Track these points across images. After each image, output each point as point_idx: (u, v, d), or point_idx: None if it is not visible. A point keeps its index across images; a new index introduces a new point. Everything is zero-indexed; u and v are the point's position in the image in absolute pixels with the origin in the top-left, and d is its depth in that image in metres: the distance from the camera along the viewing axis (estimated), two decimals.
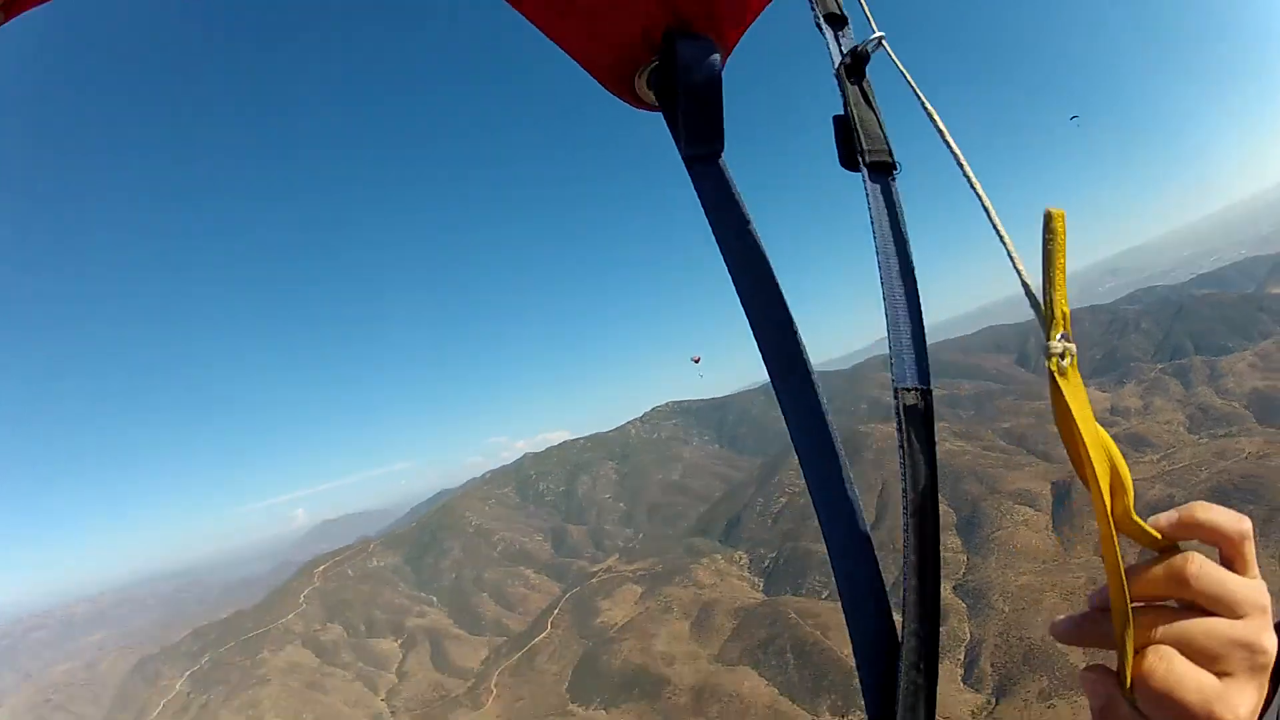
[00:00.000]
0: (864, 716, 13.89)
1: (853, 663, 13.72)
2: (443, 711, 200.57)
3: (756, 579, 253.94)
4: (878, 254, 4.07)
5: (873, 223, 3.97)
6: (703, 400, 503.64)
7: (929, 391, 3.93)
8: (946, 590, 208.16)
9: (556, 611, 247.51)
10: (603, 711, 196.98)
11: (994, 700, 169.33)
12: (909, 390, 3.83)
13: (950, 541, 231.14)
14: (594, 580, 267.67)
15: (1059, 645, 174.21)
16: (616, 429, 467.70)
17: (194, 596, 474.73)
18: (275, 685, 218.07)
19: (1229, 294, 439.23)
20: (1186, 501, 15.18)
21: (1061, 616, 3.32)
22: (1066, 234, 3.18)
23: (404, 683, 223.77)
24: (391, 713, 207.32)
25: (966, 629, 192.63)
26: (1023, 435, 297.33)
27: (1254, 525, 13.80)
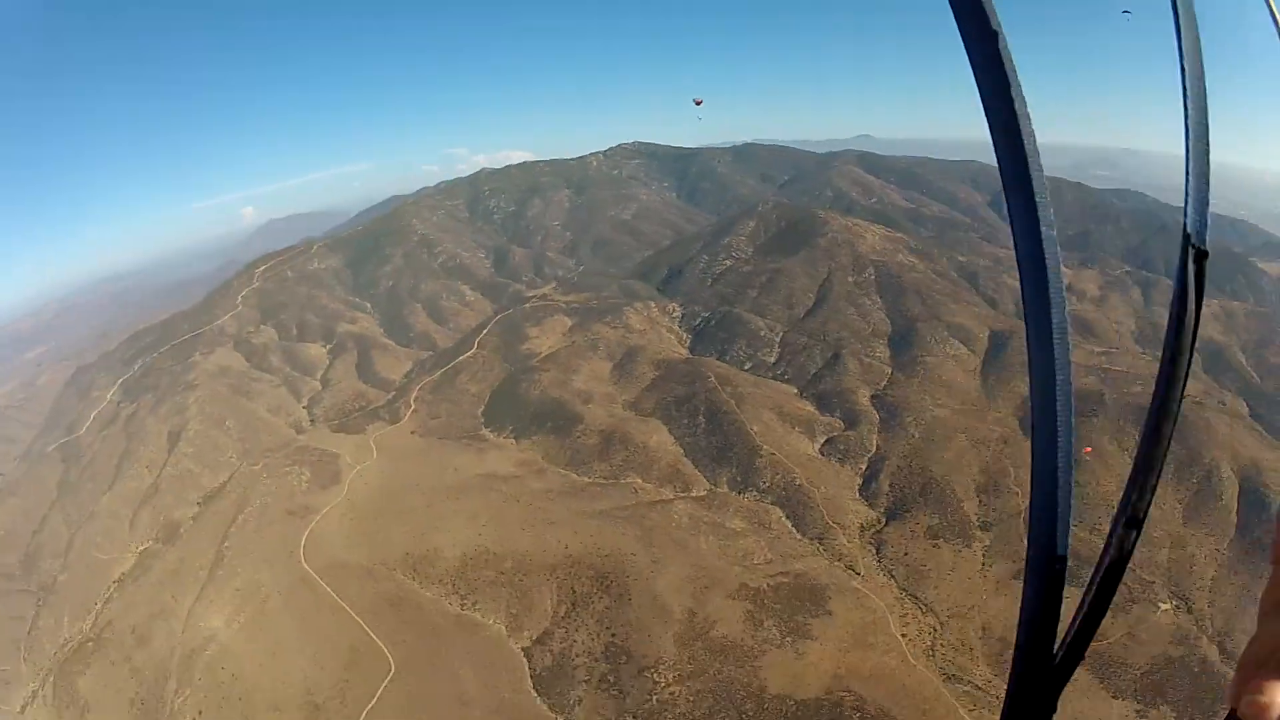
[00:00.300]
0: (759, 498, 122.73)
1: (759, 441, 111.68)
2: (360, 422, 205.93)
3: (685, 334, 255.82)
4: (1187, 114, 4.55)
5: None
6: (670, 147, 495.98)
7: (1205, 254, 4.42)
8: (865, 397, 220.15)
9: (485, 332, 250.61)
10: (512, 440, 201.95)
11: (883, 521, 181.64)
12: (1201, 251, 4.38)
13: (879, 350, 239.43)
14: (528, 305, 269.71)
15: (956, 488, 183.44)
16: (578, 159, 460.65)
17: (136, 300, 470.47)
18: (202, 390, 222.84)
19: (1218, 243, 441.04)
20: (1114, 404, 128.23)
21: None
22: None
23: (327, 390, 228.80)
24: (311, 421, 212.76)
25: (874, 441, 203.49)
26: (975, 274, 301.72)
27: (1171, 463, 59.90)
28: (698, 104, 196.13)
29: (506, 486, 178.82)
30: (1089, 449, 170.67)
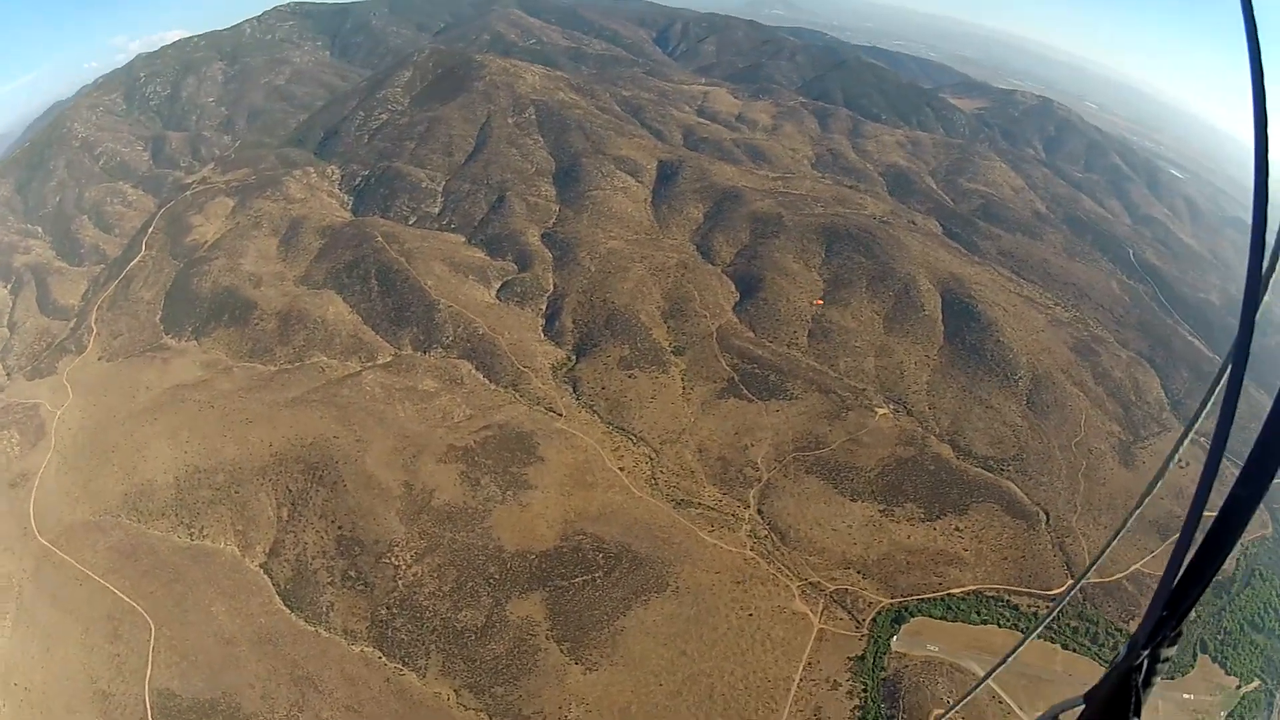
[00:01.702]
0: (445, 354, 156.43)
1: (435, 296, 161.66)
2: (50, 362, 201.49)
3: (347, 197, 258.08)
4: None
5: None
6: (325, 4, 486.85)
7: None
8: (535, 237, 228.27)
9: (151, 231, 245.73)
10: (194, 342, 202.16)
11: (574, 358, 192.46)
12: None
13: (544, 190, 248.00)
14: (188, 194, 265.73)
15: (641, 317, 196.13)
16: (232, 28, 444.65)
17: None
18: None
19: (900, 76, 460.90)
20: (795, 225, 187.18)
21: None
22: None
23: (15, 335, 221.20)
24: (7, 374, 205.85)
25: (551, 280, 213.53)
26: (641, 109, 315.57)
27: (863, 277, 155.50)
28: None
29: (198, 394, 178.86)
30: (819, 301, 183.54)
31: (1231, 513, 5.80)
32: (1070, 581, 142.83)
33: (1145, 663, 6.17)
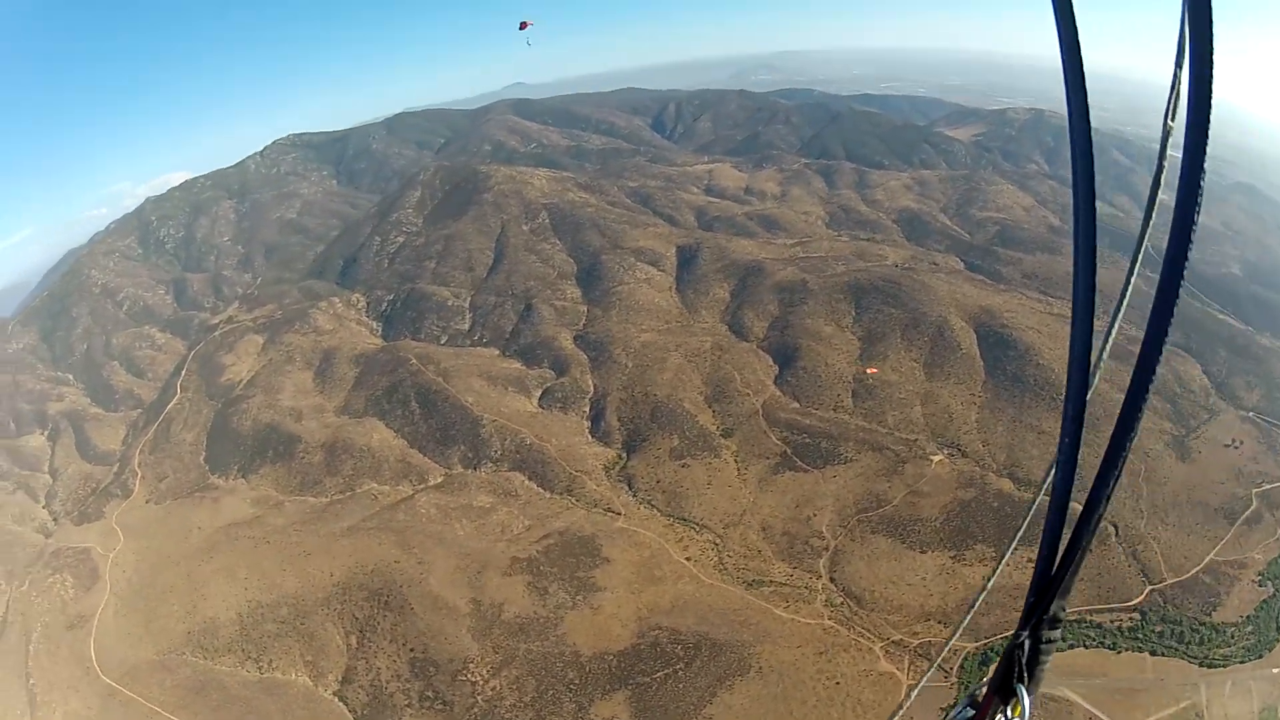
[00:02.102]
0: (496, 468, 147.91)
1: (478, 412, 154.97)
2: (97, 506, 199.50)
3: (375, 323, 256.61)
4: None
5: None
6: (323, 133, 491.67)
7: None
8: (567, 341, 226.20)
9: (184, 373, 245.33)
10: (242, 480, 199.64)
11: (624, 455, 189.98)
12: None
13: (569, 292, 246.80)
14: (217, 334, 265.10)
15: (685, 405, 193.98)
16: (237, 165, 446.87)
17: None
18: None
19: (894, 119, 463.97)
20: (821, 289, 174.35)
21: None
22: None
23: (58, 482, 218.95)
24: (54, 520, 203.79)
25: (590, 381, 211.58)
26: (650, 197, 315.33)
27: (896, 328, 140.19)
28: (523, 28, 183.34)
29: (252, 530, 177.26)
30: (873, 369, 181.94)
31: (1093, 502, 6.26)
32: (1177, 580, 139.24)
33: (1026, 641, 6.61)
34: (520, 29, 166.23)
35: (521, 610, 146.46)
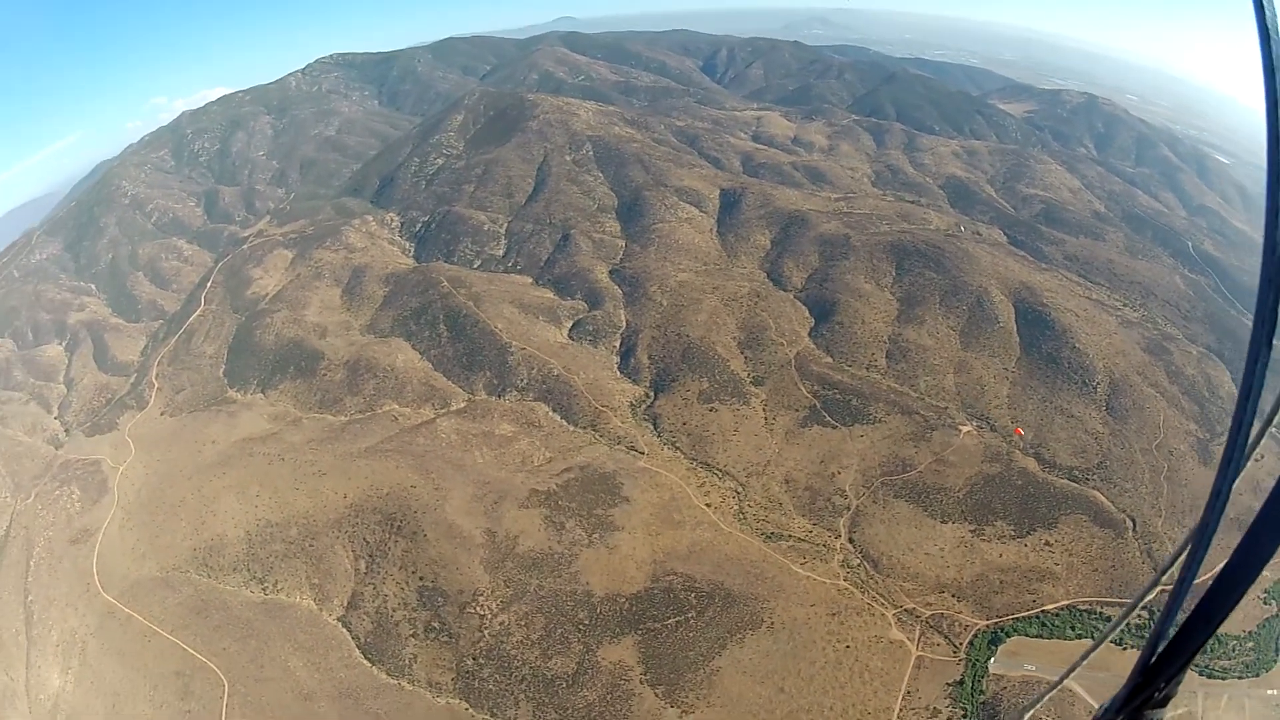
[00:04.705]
0: (520, 397, 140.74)
1: (506, 339, 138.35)
2: (111, 417, 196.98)
3: (408, 243, 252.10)
4: None
5: None
6: (367, 54, 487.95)
7: None
8: (603, 274, 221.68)
9: (210, 285, 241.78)
10: (260, 395, 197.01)
11: (652, 394, 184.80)
12: None
13: (608, 226, 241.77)
14: (245, 247, 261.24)
15: (718, 349, 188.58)
16: (277, 82, 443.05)
17: None
18: None
19: (948, 85, 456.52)
20: (863, 245, 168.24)
21: None
22: None
23: (73, 392, 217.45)
24: (66, 431, 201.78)
25: (623, 316, 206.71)
26: (696, 138, 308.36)
27: (936, 294, 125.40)
28: None
29: (267, 447, 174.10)
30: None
31: (1232, 579, 5.41)
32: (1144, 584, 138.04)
33: None
34: None
35: (536, 544, 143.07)
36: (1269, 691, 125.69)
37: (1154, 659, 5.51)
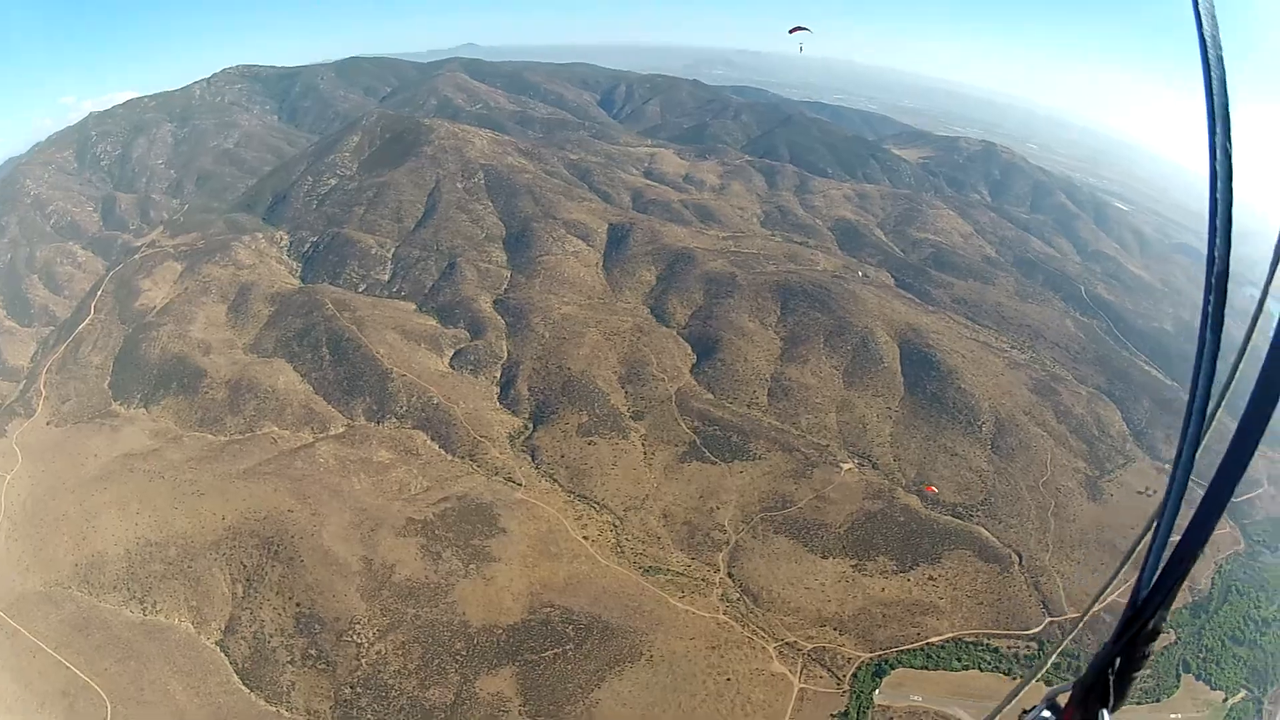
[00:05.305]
0: (399, 424, 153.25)
1: (388, 365, 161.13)
2: (1, 423, 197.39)
3: (295, 263, 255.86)
4: None
5: None
6: (272, 68, 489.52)
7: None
8: (487, 304, 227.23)
9: (100, 294, 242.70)
10: (143, 409, 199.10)
11: (531, 426, 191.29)
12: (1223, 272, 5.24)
13: (495, 255, 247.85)
14: (137, 256, 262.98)
15: (599, 383, 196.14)
16: (183, 90, 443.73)
17: None
18: None
19: (844, 129, 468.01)
20: (749, 285, 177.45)
21: None
22: None
23: None
24: None
25: (504, 347, 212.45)
26: (589, 171, 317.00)
27: (820, 333, 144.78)
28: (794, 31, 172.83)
29: (148, 463, 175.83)
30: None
31: (1203, 517, 6.15)
32: (1076, 615, 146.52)
33: (1120, 657, 6.71)
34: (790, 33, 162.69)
35: (413, 573, 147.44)
36: (1171, 716, 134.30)
37: (1147, 587, 6.27)
